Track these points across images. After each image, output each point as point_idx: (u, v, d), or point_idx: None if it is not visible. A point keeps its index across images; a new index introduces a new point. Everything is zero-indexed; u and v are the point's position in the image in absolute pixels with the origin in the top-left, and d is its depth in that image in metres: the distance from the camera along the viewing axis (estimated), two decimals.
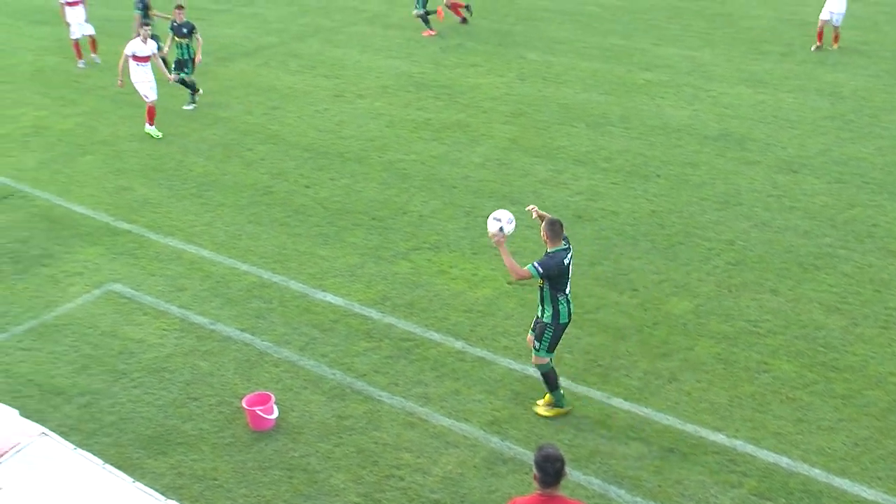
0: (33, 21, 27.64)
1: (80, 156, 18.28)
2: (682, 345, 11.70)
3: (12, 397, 10.85)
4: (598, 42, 23.79)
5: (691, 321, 12.18)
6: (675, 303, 12.60)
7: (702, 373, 11.17)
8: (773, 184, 16.01)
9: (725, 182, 16.13)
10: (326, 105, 20.29)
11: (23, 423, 7.48)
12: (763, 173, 16.41)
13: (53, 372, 11.63)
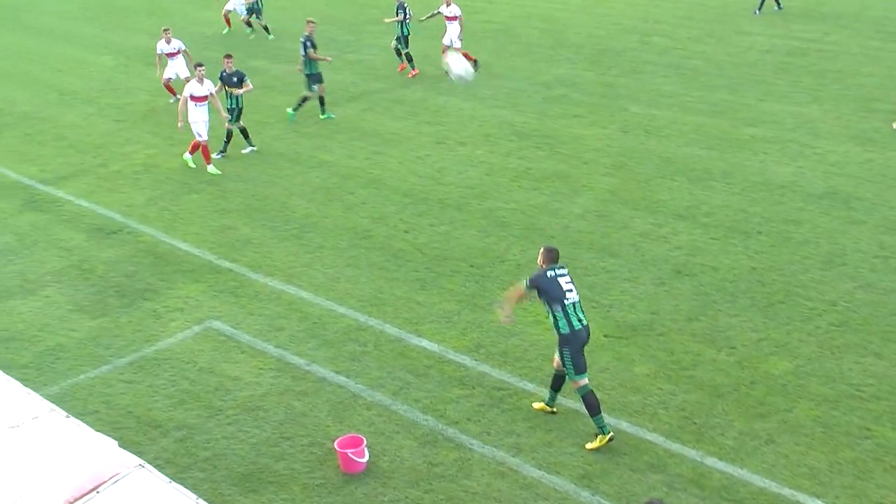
0: (149, 63, 28.43)
1: (187, 194, 18.72)
2: (780, 406, 11.45)
3: (112, 428, 11.08)
4: (702, 96, 23.62)
5: (791, 382, 11.92)
6: (774, 362, 12.35)
7: (800, 436, 10.90)
8: (879, 244, 15.64)
9: (830, 241, 15.80)
10: (428, 151, 20.47)
11: (121, 454, 7.62)
12: (869, 233, 16.05)
13: (152, 405, 11.86)
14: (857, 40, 28.49)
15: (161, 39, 24.64)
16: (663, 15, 32.52)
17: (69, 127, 23.19)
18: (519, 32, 30.69)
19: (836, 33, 29.41)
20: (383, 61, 26.80)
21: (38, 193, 19.15)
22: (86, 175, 20.02)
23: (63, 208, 18.35)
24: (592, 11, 33.37)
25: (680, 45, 28.44)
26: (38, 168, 20.52)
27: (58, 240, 16.91)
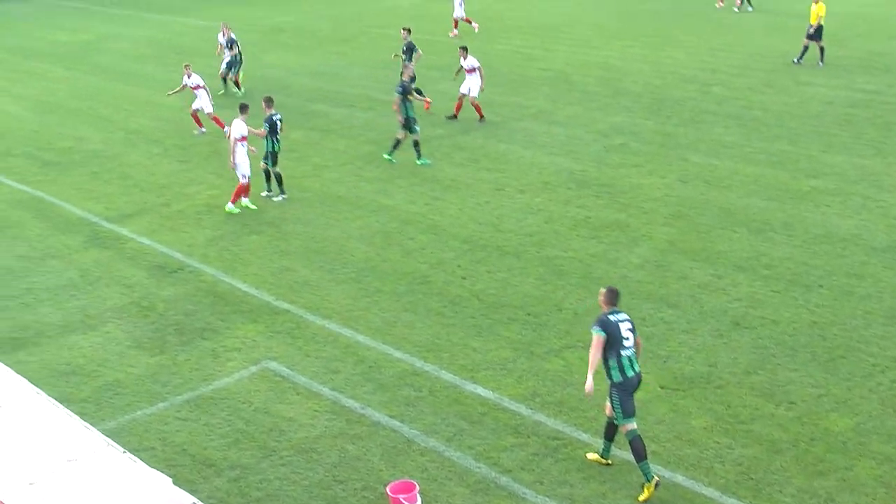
0: (214, 105, 28.90)
1: (247, 235, 18.94)
2: (840, 464, 11.26)
3: (167, 465, 11.18)
4: (762, 146, 23.48)
5: (851, 439, 11.72)
6: (834, 419, 12.16)
7: (861, 495, 10.71)
8: None
9: (893, 296, 15.57)
10: (487, 198, 20.54)
11: (175, 492, 7.69)
12: None
13: (206, 444, 11.95)
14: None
15: (184, 74, 26.11)
16: (722, 65, 32.45)
17: (135, 166, 23.61)
18: (576, 80, 30.78)
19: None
20: (444, 107, 26.98)
21: (103, 230, 19.48)
22: (149, 214, 20.34)
23: (126, 246, 18.64)
24: (651, 60, 33.39)
25: (739, 95, 28.35)
26: (104, 206, 20.88)
27: (120, 277, 17.17)
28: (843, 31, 37.65)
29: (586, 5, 46.14)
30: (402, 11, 43.21)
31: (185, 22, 45.27)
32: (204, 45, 38.47)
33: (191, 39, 40.37)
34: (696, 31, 38.54)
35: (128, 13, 48.63)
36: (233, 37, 30.23)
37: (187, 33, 41.89)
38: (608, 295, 11.11)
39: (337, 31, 40.84)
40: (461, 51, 26.33)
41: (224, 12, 47.17)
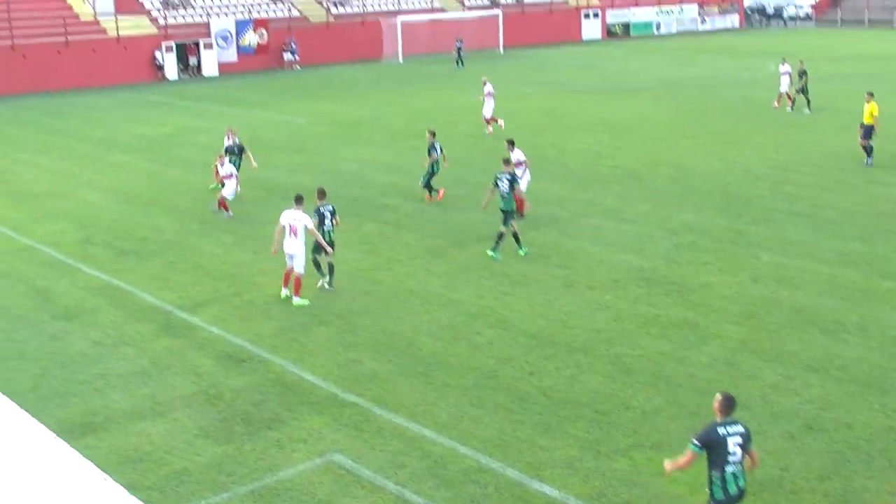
0: (285, 197, 29.37)
1: (316, 326, 19.10)
2: None
3: None
4: (835, 246, 23.23)
5: None
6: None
7: None
8: None
9: None
10: (556, 294, 20.53)
11: None
12: None
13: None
14: None
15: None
16: (793, 163, 32.31)
17: (208, 255, 24.04)
18: (646, 178, 30.83)
19: None
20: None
21: (175, 319, 19.79)
22: (220, 303, 20.64)
23: (197, 334, 18.90)
24: (721, 158, 33.35)
25: (810, 194, 28.15)
26: (177, 294, 21.24)
27: (190, 365, 17.39)
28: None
29: (657, 104, 46.39)
30: (474, 107, 43.72)
31: (263, 116, 46.32)
32: (281, 139, 39.32)
33: (268, 132, 41.25)
34: (767, 129, 38.48)
35: (207, 107, 49.93)
36: (237, 142, 30.56)
37: (264, 127, 42.83)
38: (723, 403, 10.58)
39: (410, 126, 41.46)
40: (508, 144, 26.46)
41: (301, 106, 48.28)
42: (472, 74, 59.14)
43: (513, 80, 56.44)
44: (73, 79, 59.38)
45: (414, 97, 50.35)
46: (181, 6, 66.65)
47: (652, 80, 55.61)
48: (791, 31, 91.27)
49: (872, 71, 56.18)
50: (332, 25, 70.72)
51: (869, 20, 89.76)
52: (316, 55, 68.65)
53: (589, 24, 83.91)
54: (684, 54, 69.32)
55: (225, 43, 65.76)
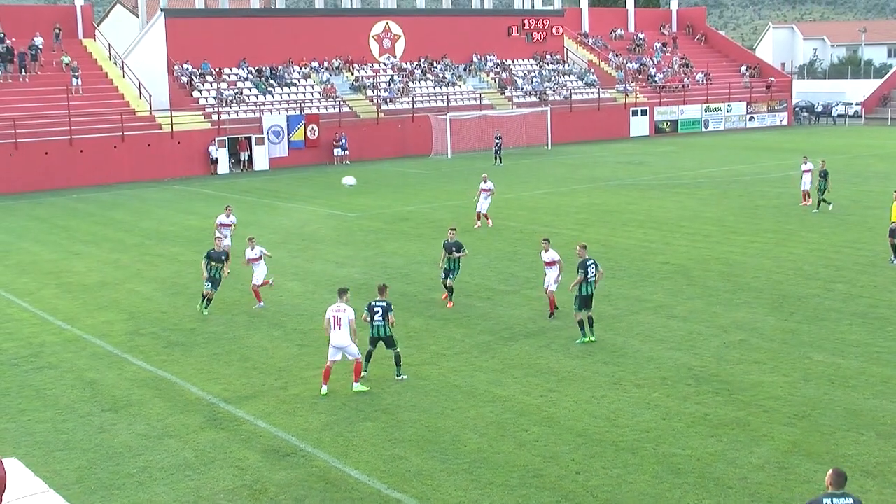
0: (333, 291, 29.48)
1: (362, 421, 18.97)
2: None
3: None
4: (891, 346, 22.81)
5: None
6: None
7: None
8: None
9: None
10: (604, 392, 20.28)
11: None
12: None
13: None
14: None
15: (247, 247, 28.53)
16: (846, 262, 31.97)
17: (255, 348, 24.07)
18: (696, 274, 30.61)
19: None
20: (561, 299, 27.02)
21: (220, 412, 19.75)
22: (266, 396, 20.59)
23: (241, 427, 18.83)
24: (772, 256, 33.08)
25: (865, 293, 27.77)
26: (223, 387, 21.24)
27: (234, 458, 17.30)
28: None
29: (707, 200, 46.31)
30: (520, 203, 43.93)
31: (312, 209, 46.77)
32: (329, 233, 39.62)
33: (316, 226, 41.61)
34: (819, 227, 38.20)
35: (257, 200, 50.54)
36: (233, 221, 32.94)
37: (313, 220, 43.22)
38: (834, 477, 11.26)
39: (457, 220, 41.63)
40: (544, 242, 26.45)
41: (349, 200, 48.71)
42: (514, 170, 59.60)
43: (560, 176, 56.73)
44: (129, 172, 60.49)
45: (462, 193, 50.66)
46: (234, 102, 67.94)
47: (700, 176, 55.64)
48: (840, 128, 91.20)
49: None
50: (382, 122, 71.68)
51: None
52: (366, 150, 69.53)
53: (637, 121, 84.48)
54: (732, 151, 69.37)
55: (276, 138, 66.80)
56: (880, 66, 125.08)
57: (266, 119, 66.86)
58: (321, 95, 72.03)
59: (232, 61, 71.66)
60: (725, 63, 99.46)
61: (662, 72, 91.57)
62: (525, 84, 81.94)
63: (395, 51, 79.34)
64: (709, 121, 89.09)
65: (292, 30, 74.11)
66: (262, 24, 73.31)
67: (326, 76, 73.95)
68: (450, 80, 79.13)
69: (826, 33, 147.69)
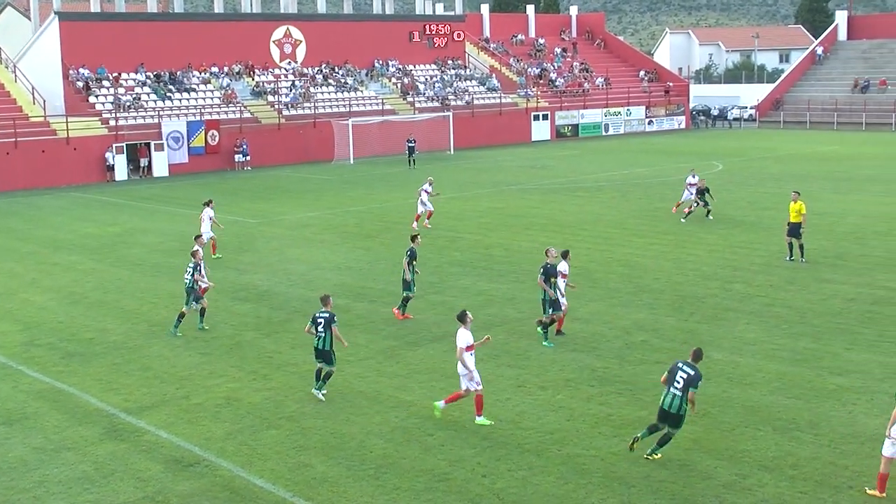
0: (236, 298, 29.22)
1: (266, 429, 18.77)
2: None
3: None
4: (786, 344, 23.37)
5: None
6: None
7: None
8: None
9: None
10: (508, 395, 20.38)
11: None
12: None
13: None
14: None
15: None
16: (742, 262, 32.65)
17: (156, 358, 23.64)
18: (598, 276, 30.98)
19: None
20: (465, 304, 27.10)
21: (120, 422, 19.36)
22: (168, 406, 20.25)
23: (142, 438, 18.48)
24: (672, 257, 33.64)
25: (761, 293, 28.40)
26: (122, 397, 20.82)
27: (135, 470, 16.96)
28: (862, 229, 38.04)
29: (608, 203, 46.92)
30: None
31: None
32: (230, 239, 39.14)
33: (217, 233, 41.04)
34: (716, 229, 38.97)
35: (157, 207, 49.74)
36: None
37: (213, 227, 42.60)
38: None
39: (362, 226, 41.56)
40: (561, 253, 25.46)
41: (251, 207, 48.23)
42: (418, 175, 59.70)
43: (463, 180, 56.95)
44: (22, 179, 58.96)
45: (365, 198, 50.56)
46: (132, 108, 66.79)
47: (601, 179, 56.37)
48: (735, 131, 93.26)
49: (816, 171, 57.44)
50: (284, 127, 71.15)
51: (810, 122, 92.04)
52: (267, 156, 68.90)
53: (538, 126, 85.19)
54: (632, 155, 70.42)
55: (176, 144, 65.82)
56: (772, 70, 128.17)
57: (165, 125, 65.83)
58: (221, 101, 71.19)
59: (129, 66, 70.39)
60: (624, 68, 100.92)
61: (563, 77, 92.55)
62: (427, 89, 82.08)
63: (296, 56, 78.81)
64: (609, 125, 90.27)
65: (191, 34, 73.12)
66: (160, 28, 72.18)
67: (227, 81, 73.12)
68: (351, 85, 78.88)
69: (721, 39, 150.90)
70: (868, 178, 53.22)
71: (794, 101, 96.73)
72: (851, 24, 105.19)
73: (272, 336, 25.17)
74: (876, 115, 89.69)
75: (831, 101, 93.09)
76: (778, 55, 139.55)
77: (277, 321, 26.57)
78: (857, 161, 62.62)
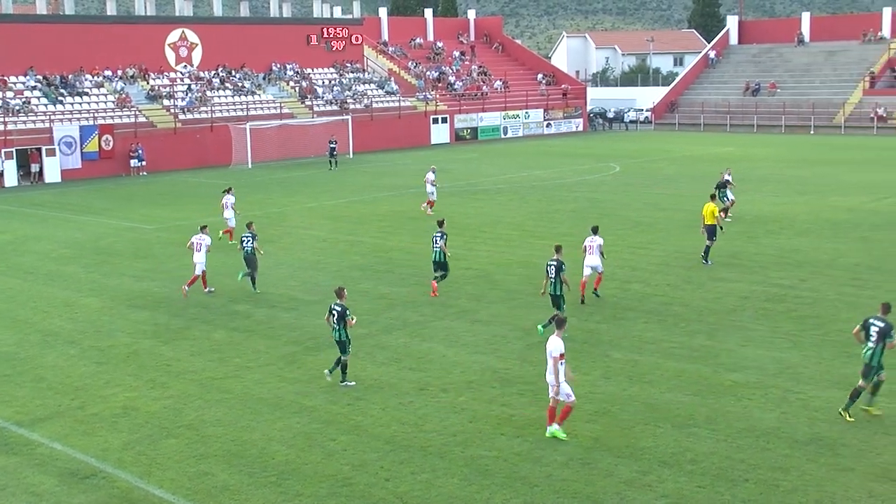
0: (132, 305, 28.66)
1: (165, 438, 18.43)
2: None
3: None
4: (683, 342, 23.78)
5: None
6: None
7: None
8: (868, 492, 15.43)
9: (818, 489, 15.57)
10: (411, 398, 20.35)
11: None
12: (858, 481, 15.85)
13: None
14: (833, 287, 29.00)
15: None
16: (641, 262, 33.14)
17: (50, 368, 23.05)
18: (498, 279, 31.14)
19: (813, 280, 29.95)
20: (366, 307, 27.03)
21: (12, 436, 18.81)
22: (62, 417, 19.74)
23: (36, 451, 17.99)
24: (570, 258, 33.90)
25: (659, 292, 28.85)
26: (14, 409, 20.24)
27: (27, 485, 16.50)
28: (754, 229, 38.91)
29: (507, 206, 47.20)
30: (323, 212, 43.76)
31: (108, 223, 45.24)
32: (127, 246, 38.41)
33: (111, 240, 40.27)
34: (615, 230, 39.45)
35: (49, 213, 48.55)
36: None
37: (110, 234, 41.79)
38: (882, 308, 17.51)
39: (262, 231, 41.07)
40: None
41: (148, 213, 47.40)
42: (316, 179, 59.34)
43: (362, 184, 56.78)
44: None
45: (264, 203, 50.08)
46: (22, 112, 65.12)
47: (500, 182, 56.70)
48: (632, 133, 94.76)
49: (710, 172, 58.65)
50: (180, 131, 70.11)
51: (704, 124, 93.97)
52: (163, 161, 67.81)
53: (438, 129, 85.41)
54: (530, 157, 71.01)
55: (68, 149, 64.38)
56: (667, 73, 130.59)
57: (57, 130, 64.33)
58: (116, 105, 69.84)
59: (18, 69, 68.66)
60: (522, 71, 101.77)
61: (461, 80, 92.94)
62: (325, 93, 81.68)
63: (192, 59, 77.75)
64: (507, 128, 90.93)
65: (83, 37, 71.58)
66: (51, 30, 70.50)
67: (120, 85, 71.75)
68: (249, 89, 78.10)
69: (617, 42, 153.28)
70: (760, 179, 54.48)
71: (689, 103, 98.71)
72: (742, 28, 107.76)
73: (170, 343, 24.74)
74: (766, 117, 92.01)
75: (724, 104, 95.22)
76: (672, 59, 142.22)
77: (176, 328, 26.12)
78: (750, 162, 64.09)
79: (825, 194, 48.03)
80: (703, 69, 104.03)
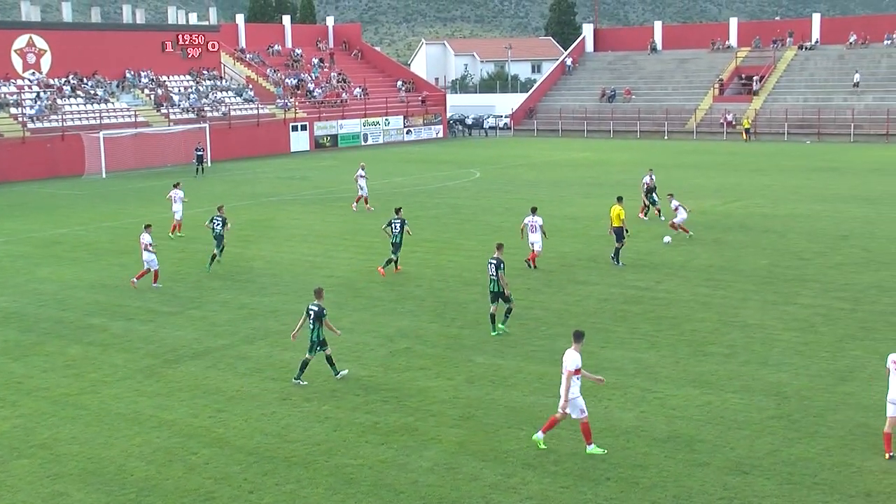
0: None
1: (15, 459, 17.77)
2: None
3: None
4: (545, 345, 24.07)
5: None
6: None
7: None
8: (723, 485, 15.86)
9: (676, 484, 15.94)
10: (274, 408, 20.09)
11: None
12: (713, 475, 16.28)
13: None
14: (687, 288, 29.79)
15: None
16: None
17: None
18: (360, 286, 31.04)
19: (668, 281, 30.72)
20: (226, 318, 26.59)
21: None
22: None
23: None
24: (433, 264, 34.13)
25: (520, 296, 29.10)
26: None
27: None
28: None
29: (368, 213, 47.08)
30: (186, 221, 42.90)
31: None
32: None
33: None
34: (476, 236, 39.79)
35: None
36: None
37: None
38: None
39: (116, 243, 40.11)
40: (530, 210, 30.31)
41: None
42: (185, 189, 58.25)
43: (221, 193, 55.92)
44: None
45: (119, 213, 48.87)
46: None
47: None
48: (491, 140, 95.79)
49: (569, 177, 59.64)
50: (29, 141, 67.89)
51: (562, 129, 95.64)
52: (11, 172, 65.49)
53: (297, 136, 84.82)
54: (391, 164, 71.05)
55: None
56: (525, 80, 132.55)
57: None
58: None
59: None
60: (382, 78, 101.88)
61: (321, 87, 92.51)
62: (182, 100, 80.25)
63: (40, 66, 75.42)
64: (368, 135, 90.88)
65: None
66: None
67: None
68: (102, 96, 76.19)
69: (475, 50, 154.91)
70: (617, 183, 55.59)
71: (547, 109, 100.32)
72: (597, 36, 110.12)
73: (21, 360, 23.88)
74: (622, 122, 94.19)
75: (581, 110, 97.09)
76: (530, 66, 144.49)
77: (27, 344, 25.23)
78: (607, 167, 65.43)
79: (678, 198, 49.26)
80: (561, 76, 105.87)
